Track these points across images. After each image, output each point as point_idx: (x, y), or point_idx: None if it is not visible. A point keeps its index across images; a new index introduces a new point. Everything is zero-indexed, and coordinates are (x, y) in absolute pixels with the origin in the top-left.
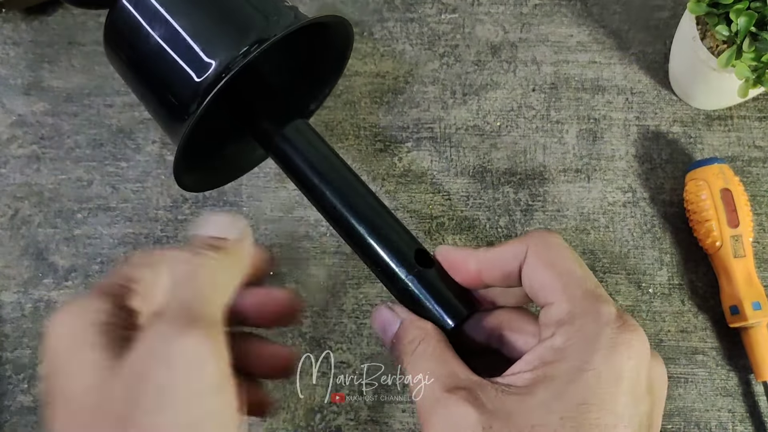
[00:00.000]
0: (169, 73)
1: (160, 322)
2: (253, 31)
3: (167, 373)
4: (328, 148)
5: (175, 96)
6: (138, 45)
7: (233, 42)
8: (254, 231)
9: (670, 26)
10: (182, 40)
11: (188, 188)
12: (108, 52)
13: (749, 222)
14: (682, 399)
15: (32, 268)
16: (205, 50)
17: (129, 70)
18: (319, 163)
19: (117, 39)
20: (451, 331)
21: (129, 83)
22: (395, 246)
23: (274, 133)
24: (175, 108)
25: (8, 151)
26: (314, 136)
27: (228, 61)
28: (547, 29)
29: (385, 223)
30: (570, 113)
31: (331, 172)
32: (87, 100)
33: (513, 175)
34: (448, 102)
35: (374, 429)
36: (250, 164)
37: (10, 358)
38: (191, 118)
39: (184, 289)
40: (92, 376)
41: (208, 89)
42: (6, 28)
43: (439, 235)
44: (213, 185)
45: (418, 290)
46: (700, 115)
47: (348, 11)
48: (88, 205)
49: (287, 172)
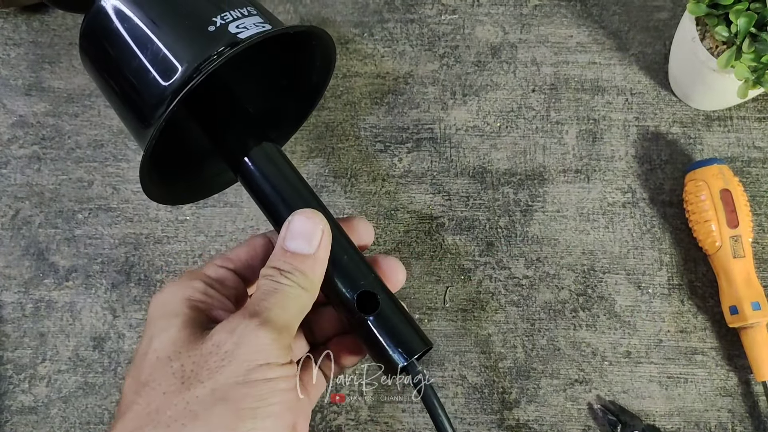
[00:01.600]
0: (138, 76)
1: (243, 316)
2: (226, 37)
3: (236, 346)
4: (295, 176)
5: (143, 101)
6: (111, 49)
7: (203, 47)
8: (254, 232)
9: (669, 27)
10: (152, 45)
11: (158, 200)
12: (83, 58)
13: (749, 222)
14: (682, 399)
15: (33, 268)
16: (174, 55)
17: (102, 75)
18: (283, 190)
19: (92, 43)
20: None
21: (102, 89)
22: (343, 287)
23: (241, 155)
24: (144, 113)
25: (9, 151)
26: (282, 161)
27: (196, 65)
28: (546, 30)
29: (341, 260)
30: (570, 114)
31: (296, 200)
32: (88, 101)
33: (513, 176)
34: (448, 103)
35: (374, 429)
36: (228, 183)
37: (11, 357)
38: (158, 122)
39: (268, 302)
40: (171, 337)
41: (176, 93)
42: (6, 29)
43: (439, 235)
44: (189, 200)
45: (364, 331)
46: (700, 115)
47: (348, 12)
48: (89, 206)
49: (252, 195)
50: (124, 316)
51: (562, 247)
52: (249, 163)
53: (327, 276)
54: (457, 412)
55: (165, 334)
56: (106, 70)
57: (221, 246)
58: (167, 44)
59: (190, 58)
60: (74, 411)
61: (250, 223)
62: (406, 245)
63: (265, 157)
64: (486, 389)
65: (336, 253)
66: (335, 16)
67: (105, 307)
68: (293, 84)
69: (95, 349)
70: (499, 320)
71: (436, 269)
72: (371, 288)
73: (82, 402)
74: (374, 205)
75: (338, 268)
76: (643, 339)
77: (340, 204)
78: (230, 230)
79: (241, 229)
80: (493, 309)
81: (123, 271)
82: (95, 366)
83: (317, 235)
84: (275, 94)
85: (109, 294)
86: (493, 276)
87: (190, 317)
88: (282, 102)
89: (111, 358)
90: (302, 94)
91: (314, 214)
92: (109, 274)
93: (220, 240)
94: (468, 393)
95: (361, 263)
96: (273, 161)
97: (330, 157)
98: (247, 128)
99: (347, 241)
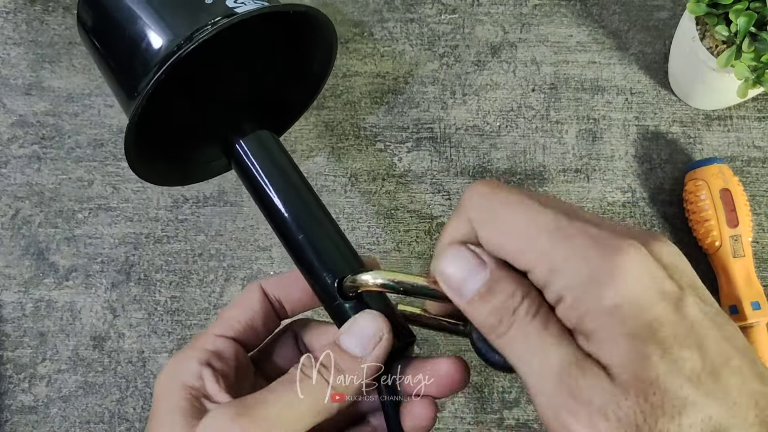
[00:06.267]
0: (132, 43)
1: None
2: (221, 9)
3: None
4: (289, 164)
5: (135, 68)
6: (107, 14)
7: (198, 16)
8: (254, 231)
9: (669, 26)
10: (149, 11)
11: (144, 177)
12: (79, 26)
13: (748, 222)
14: None
15: (33, 267)
16: (169, 22)
17: (96, 43)
18: (274, 180)
19: (90, 10)
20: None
21: (95, 57)
22: (324, 272)
23: (234, 140)
24: (135, 81)
25: (9, 151)
26: (277, 149)
27: (189, 33)
28: (546, 29)
29: (328, 248)
30: (569, 113)
31: (286, 189)
32: (88, 100)
33: (513, 175)
34: (448, 102)
35: None
36: (221, 170)
37: (11, 357)
38: (146, 89)
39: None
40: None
41: (165, 60)
42: (6, 28)
43: (439, 234)
44: (174, 183)
45: (343, 318)
46: (700, 115)
47: (348, 11)
48: (89, 205)
49: (244, 182)
50: (124, 315)
51: None
52: (242, 148)
53: (307, 259)
54: (457, 412)
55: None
56: (100, 38)
57: (221, 245)
58: (164, 12)
59: (185, 26)
60: (74, 410)
61: (250, 222)
62: (406, 245)
63: (259, 143)
64: (486, 388)
65: (340, 238)
66: (335, 16)
67: (105, 307)
68: (294, 73)
69: (95, 348)
70: None
71: None
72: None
73: (82, 401)
74: (374, 204)
75: (334, 252)
76: None
77: (340, 204)
78: (230, 229)
79: (241, 228)
80: None
81: (123, 270)
82: (95, 365)
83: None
84: (276, 82)
85: (109, 293)
86: None
87: (186, 409)
88: (283, 91)
89: (111, 357)
90: (304, 83)
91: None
92: (109, 273)
93: (220, 239)
94: (468, 392)
95: (347, 249)
96: (267, 147)
97: (330, 156)
98: (243, 113)
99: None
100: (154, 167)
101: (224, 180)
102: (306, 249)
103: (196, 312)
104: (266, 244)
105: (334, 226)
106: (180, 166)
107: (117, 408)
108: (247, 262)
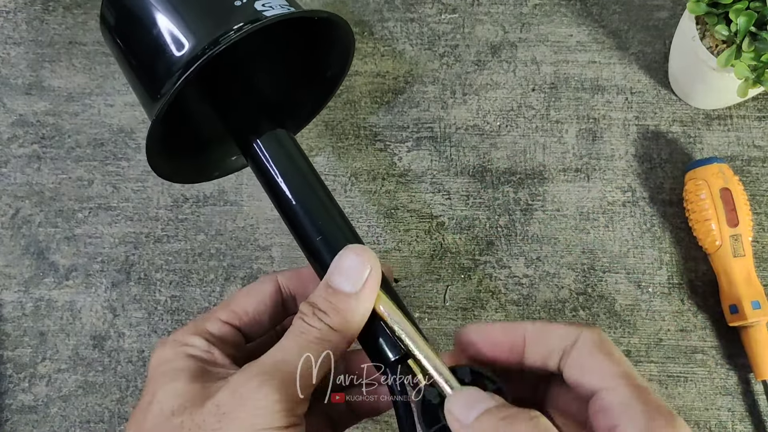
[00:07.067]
0: (156, 45)
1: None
2: (250, 12)
3: (235, 409)
4: (305, 162)
5: (159, 70)
6: (132, 16)
7: (226, 19)
8: (254, 231)
9: (669, 26)
10: (175, 14)
11: (164, 175)
12: (102, 26)
13: (748, 221)
14: (682, 398)
15: (33, 267)
16: (196, 25)
17: (120, 43)
18: (291, 178)
19: (114, 10)
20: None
21: (118, 57)
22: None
23: (252, 138)
24: (159, 82)
25: (9, 150)
26: (294, 147)
27: (216, 36)
28: (546, 29)
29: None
30: (569, 113)
31: (303, 187)
32: (88, 100)
33: (513, 175)
34: (448, 102)
35: (374, 429)
36: (236, 167)
37: (11, 356)
38: (171, 90)
39: (285, 351)
40: (177, 391)
41: (190, 63)
42: (6, 27)
43: (439, 234)
44: (194, 180)
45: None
46: (700, 114)
47: (348, 11)
48: (89, 205)
49: (260, 180)
50: (124, 315)
51: (562, 246)
52: (259, 147)
53: (326, 262)
54: None
55: (170, 387)
56: (124, 38)
57: (221, 245)
58: (191, 14)
59: (211, 29)
60: (74, 410)
61: (250, 221)
62: (406, 244)
63: (276, 142)
64: None
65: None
66: None
67: (105, 306)
68: (311, 74)
69: (95, 348)
70: (499, 319)
71: (436, 268)
72: None
73: (82, 401)
74: (374, 204)
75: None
76: (643, 338)
77: (339, 203)
78: (230, 229)
79: (241, 227)
80: (493, 308)
81: (123, 270)
82: (95, 365)
83: (363, 274)
84: (293, 83)
85: (109, 293)
86: (493, 275)
87: (196, 371)
88: (298, 92)
89: (111, 357)
90: (319, 85)
91: (364, 251)
92: (109, 273)
93: (220, 239)
94: None
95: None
96: (284, 146)
97: (330, 156)
98: (260, 112)
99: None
100: (170, 164)
101: (224, 179)
102: (323, 251)
103: (196, 311)
104: (266, 244)
105: (351, 228)
106: (195, 164)
107: (117, 407)
108: (247, 261)
